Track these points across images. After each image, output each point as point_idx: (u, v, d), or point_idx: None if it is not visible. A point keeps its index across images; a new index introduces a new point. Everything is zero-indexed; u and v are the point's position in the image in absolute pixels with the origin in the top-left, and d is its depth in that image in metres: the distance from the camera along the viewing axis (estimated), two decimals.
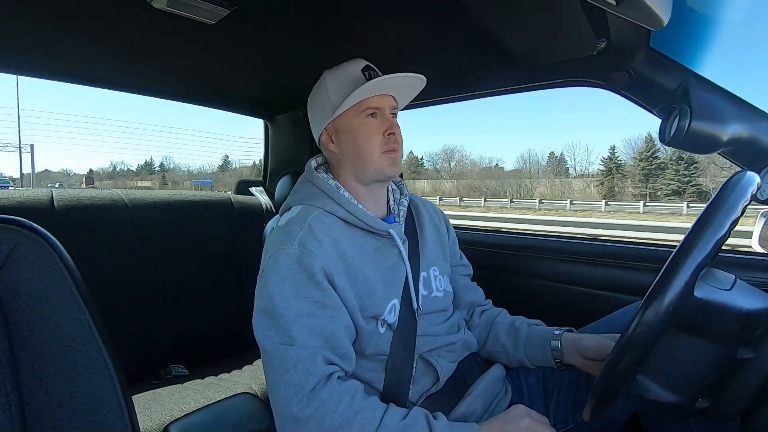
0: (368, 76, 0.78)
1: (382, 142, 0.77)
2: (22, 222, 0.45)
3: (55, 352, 0.43)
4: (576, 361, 0.79)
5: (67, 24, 0.87)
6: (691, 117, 0.78)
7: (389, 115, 0.79)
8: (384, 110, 0.78)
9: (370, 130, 0.77)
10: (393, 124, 0.78)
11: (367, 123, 0.77)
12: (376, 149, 0.77)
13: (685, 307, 0.49)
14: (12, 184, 31.08)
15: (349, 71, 0.79)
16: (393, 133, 0.77)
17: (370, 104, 0.77)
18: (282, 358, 0.62)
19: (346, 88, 0.77)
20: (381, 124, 0.78)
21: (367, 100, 0.76)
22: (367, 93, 0.75)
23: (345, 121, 0.78)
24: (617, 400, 0.55)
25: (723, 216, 0.50)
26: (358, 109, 0.77)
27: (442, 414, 0.66)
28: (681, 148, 0.84)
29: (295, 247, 0.67)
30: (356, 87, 0.74)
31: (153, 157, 73.01)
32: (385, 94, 0.78)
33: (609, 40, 0.86)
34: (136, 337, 1.23)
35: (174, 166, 65.57)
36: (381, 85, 0.75)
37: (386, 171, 0.77)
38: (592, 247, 1.16)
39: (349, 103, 0.75)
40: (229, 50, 1.05)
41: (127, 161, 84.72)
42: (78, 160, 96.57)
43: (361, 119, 0.77)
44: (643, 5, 0.55)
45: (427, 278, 0.82)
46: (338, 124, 0.79)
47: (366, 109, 0.77)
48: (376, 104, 0.77)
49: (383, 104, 0.78)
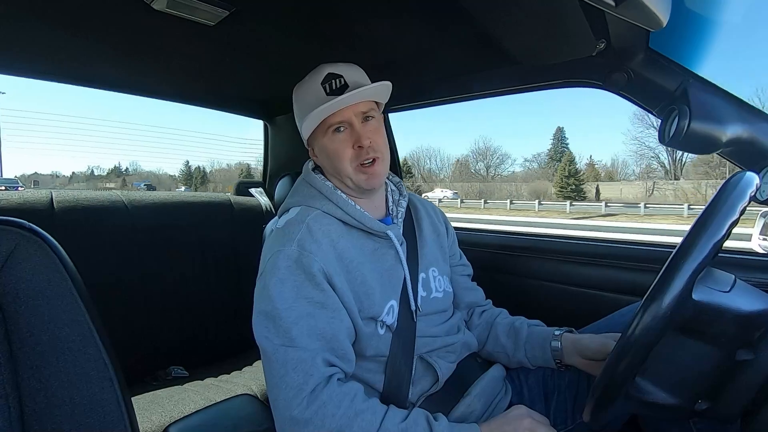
0: (329, 88, 0.72)
1: (354, 156, 0.73)
2: (22, 223, 0.45)
3: (55, 354, 0.43)
4: (576, 361, 0.79)
5: (67, 25, 0.88)
6: (691, 117, 0.78)
7: (359, 125, 0.73)
8: (351, 122, 0.73)
9: (338, 146, 0.73)
10: (362, 135, 0.72)
11: (335, 139, 0.73)
12: (348, 165, 0.73)
13: (683, 310, 0.49)
14: (22, 185, 31.22)
15: (309, 87, 0.75)
16: (362, 146, 0.73)
17: (332, 121, 0.72)
18: (282, 360, 0.62)
19: (306, 108, 0.73)
20: (349, 138, 0.73)
21: (329, 118, 0.72)
22: (325, 113, 0.71)
23: (317, 140, 0.77)
24: (617, 402, 0.55)
25: (722, 217, 0.49)
26: (323, 128, 0.74)
27: (442, 415, 0.66)
28: (680, 148, 0.84)
29: (294, 248, 0.67)
30: (315, 106, 0.70)
31: (120, 162, 75.46)
32: (347, 105, 0.72)
33: (608, 40, 0.86)
34: (136, 338, 1.23)
35: (140, 170, 66.86)
36: (337, 103, 0.70)
37: (364, 185, 0.75)
38: (592, 247, 1.16)
39: (309, 126, 0.73)
40: (228, 51, 1.05)
41: (102, 165, 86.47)
42: (64, 162, 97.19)
43: (328, 137, 0.74)
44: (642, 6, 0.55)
45: (426, 279, 0.82)
46: (313, 142, 0.79)
47: (329, 126, 0.73)
48: (341, 118, 0.72)
49: (347, 116, 0.72)
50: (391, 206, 0.86)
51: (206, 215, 1.45)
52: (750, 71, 30.84)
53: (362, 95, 0.72)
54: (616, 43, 0.87)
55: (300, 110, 0.77)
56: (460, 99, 1.34)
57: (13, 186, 21.88)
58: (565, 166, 34.43)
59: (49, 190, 1.22)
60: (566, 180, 33.47)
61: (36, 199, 1.14)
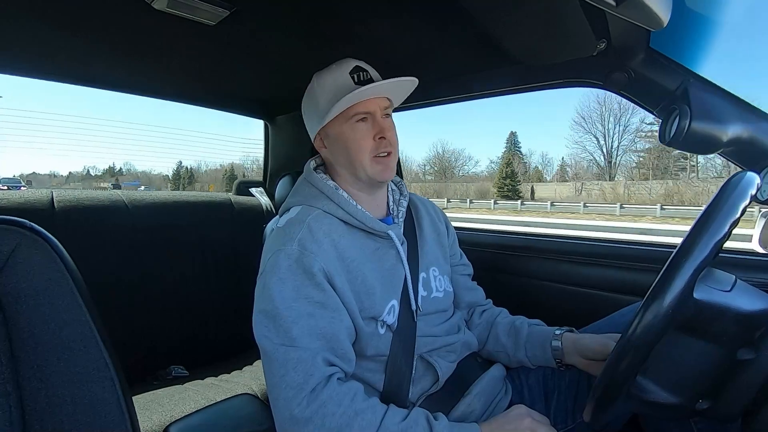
0: (357, 78, 0.75)
1: (373, 147, 0.75)
2: (23, 223, 0.45)
3: (56, 353, 0.43)
4: (576, 361, 0.79)
5: (67, 25, 0.88)
6: (691, 117, 0.78)
7: (381, 118, 0.76)
8: (375, 114, 0.75)
9: (359, 135, 0.75)
10: (384, 127, 0.76)
11: (357, 128, 0.75)
12: (367, 155, 0.75)
13: (684, 309, 0.49)
14: (24, 184, 31.27)
15: (337, 75, 0.76)
16: (383, 137, 0.75)
17: (358, 110, 0.74)
18: (282, 359, 0.62)
19: (332, 94, 0.74)
20: (371, 128, 0.75)
21: (356, 106, 0.74)
22: (355, 99, 0.73)
23: (334, 128, 0.77)
24: (617, 401, 0.55)
25: (723, 217, 0.49)
26: (347, 115, 0.74)
27: (442, 414, 0.66)
28: (681, 148, 0.84)
29: (294, 247, 0.67)
30: (344, 93, 0.72)
31: (114, 162, 76.28)
32: (375, 97, 0.75)
33: (609, 40, 0.86)
34: (137, 337, 1.23)
35: (133, 170, 67.58)
36: (369, 90, 0.73)
37: (378, 177, 0.76)
38: (592, 247, 1.16)
39: (336, 111, 0.73)
40: (229, 51, 1.05)
41: (98, 165, 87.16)
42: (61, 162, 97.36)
43: (350, 125, 0.75)
44: (642, 6, 0.55)
45: (426, 279, 0.82)
46: (328, 130, 0.78)
47: (355, 114, 0.74)
48: (366, 109, 0.74)
49: (373, 108, 0.75)
50: (392, 206, 0.86)
51: (206, 215, 1.45)
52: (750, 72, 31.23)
53: (400, 85, 0.75)
54: (617, 43, 0.87)
55: (322, 96, 0.77)
56: (460, 99, 1.34)
57: (15, 186, 22.01)
58: (503, 167, 36.84)
59: (50, 189, 1.22)
60: (503, 181, 35.67)
61: (36, 199, 1.14)
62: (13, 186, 20.67)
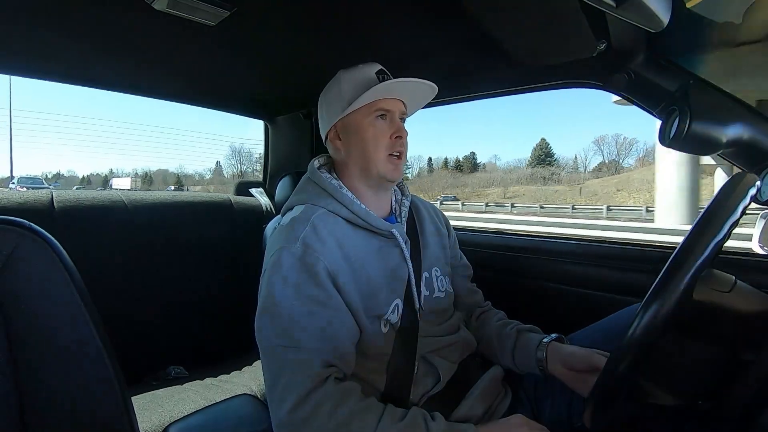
0: (382, 79, 0.79)
1: (389, 145, 0.78)
2: (22, 223, 0.45)
3: (55, 353, 0.43)
4: (558, 371, 0.77)
5: (67, 25, 0.88)
6: (691, 118, 0.78)
7: (398, 119, 0.80)
8: (394, 113, 0.79)
9: (378, 131, 0.78)
10: (401, 127, 0.79)
11: (376, 124, 0.78)
12: (382, 152, 0.77)
13: (684, 310, 0.49)
14: (46, 183, 29.74)
15: (364, 73, 0.80)
16: (400, 137, 0.78)
17: (381, 106, 0.77)
18: (280, 360, 0.62)
19: (359, 87, 0.78)
20: (389, 127, 0.78)
21: (379, 102, 0.77)
22: (381, 94, 0.76)
23: (355, 120, 0.78)
24: (617, 403, 0.55)
25: (722, 218, 0.49)
26: (369, 110, 0.77)
27: (439, 414, 0.65)
28: (681, 149, 0.84)
29: (298, 246, 0.67)
30: (369, 88, 0.75)
31: (112, 165, 77.61)
32: (397, 98, 0.79)
33: (609, 41, 0.86)
34: (136, 338, 1.22)
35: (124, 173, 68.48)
36: (395, 87, 0.76)
37: (389, 175, 0.78)
38: (591, 248, 1.16)
39: (363, 101, 0.76)
40: (229, 51, 1.05)
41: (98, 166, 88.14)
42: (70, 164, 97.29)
43: (370, 120, 0.78)
44: (642, 7, 0.55)
45: (429, 278, 0.82)
46: (347, 123, 0.79)
47: (377, 110, 0.77)
48: (388, 107, 0.78)
49: (394, 107, 0.79)
50: (395, 206, 0.86)
51: (206, 215, 1.45)
52: None
53: (422, 90, 0.80)
54: (617, 44, 0.87)
55: (348, 87, 0.79)
56: (460, 99, 1.34)
57: (38, 186, 20.11)
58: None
59: (50, 189, 1.22)
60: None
61: (36, 199, 1.13)
62: (36, 186, 18.80)
